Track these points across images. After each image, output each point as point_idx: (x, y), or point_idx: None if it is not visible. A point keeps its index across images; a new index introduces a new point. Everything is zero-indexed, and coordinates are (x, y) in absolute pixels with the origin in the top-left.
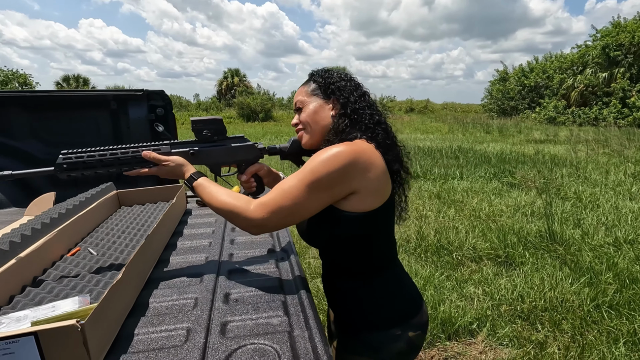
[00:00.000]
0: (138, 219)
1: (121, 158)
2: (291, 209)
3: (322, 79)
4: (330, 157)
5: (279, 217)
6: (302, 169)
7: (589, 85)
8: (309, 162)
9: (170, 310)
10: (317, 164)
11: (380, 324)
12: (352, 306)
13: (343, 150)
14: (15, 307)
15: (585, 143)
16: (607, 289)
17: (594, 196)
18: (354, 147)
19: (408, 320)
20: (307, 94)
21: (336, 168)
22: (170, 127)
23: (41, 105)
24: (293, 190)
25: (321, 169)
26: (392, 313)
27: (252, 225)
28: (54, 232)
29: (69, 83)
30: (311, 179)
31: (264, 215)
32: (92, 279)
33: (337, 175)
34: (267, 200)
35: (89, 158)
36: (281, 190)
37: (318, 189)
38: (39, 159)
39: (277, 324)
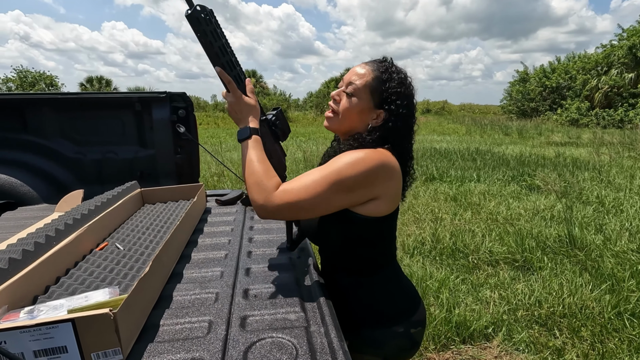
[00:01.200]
0: (161, 216)
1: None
2: (309, 205)
3: (386, 82)
4: (358, 160)
5: (294, 210)
6: (326, 166)
7: (614, 86)
8: (334, 161)
9: (193, 303)
10: (344, 165)
11: (382, 321)
12: (353, 303)
13: (371, 156)
14: (51, 296)
15: (610, 146)
16: (629, 296)
17: (617, 201)
18: (380, 155)
19: (409, 317)
20: (366, 86)
21: (362, 172)
22: (191, 128)
23: (71, 106)
24: (316, 187)
25: (347, 171)
26: (393, 310)
27: (266, 208)
28: (85, 228)
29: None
30: (335, 179)
31: (281, 203)
32: (120, 272)
33: (362, 179)
34: (289, 189)
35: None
36: (303, 184)
37: (340, 190)
38: (68, 157)
39: (294, 319)
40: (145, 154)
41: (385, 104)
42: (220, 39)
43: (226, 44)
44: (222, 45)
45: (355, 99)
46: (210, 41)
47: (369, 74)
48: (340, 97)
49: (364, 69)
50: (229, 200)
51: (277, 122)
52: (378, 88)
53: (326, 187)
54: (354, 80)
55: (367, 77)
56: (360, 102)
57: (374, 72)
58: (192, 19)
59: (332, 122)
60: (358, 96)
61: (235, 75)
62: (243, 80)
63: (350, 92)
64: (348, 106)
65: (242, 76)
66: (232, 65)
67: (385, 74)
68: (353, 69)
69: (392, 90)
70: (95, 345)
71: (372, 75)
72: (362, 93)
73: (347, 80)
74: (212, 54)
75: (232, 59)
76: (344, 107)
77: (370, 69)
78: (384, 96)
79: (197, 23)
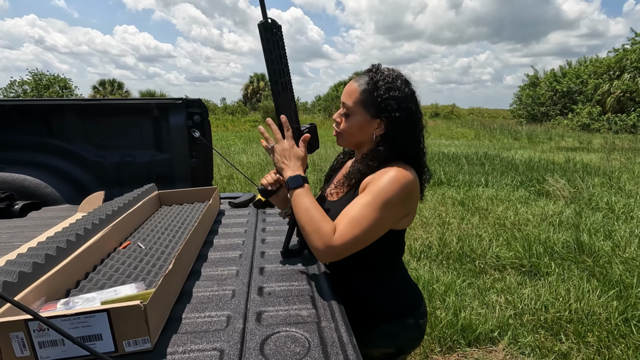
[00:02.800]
0: (178, 217)
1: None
2: (366, 236)
3: (373, 92)
4: (395, 179)
5: (354, 246)
6: (367, 194)
7: (626, 91)
8: (372, 186)
9: (211, 299)
10: (385, 187)
11: (395, 315)
12: (369, 302)
13: (406, 174)
14: (82, 290)
15: (621, 151)
16: (637, 303)
17: (627, 207)
18: (409, 171)
19: (417, 310)
20: (356, 102)
21: (402, 189)
22: (206, 133)
23: (93, 112)
24: (366, 217)
25: (390, 191)
26: (404, 305)
27: (330, 253)
28: (109, 227)
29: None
30: (382, 202)
31: (341, 244)
32: (143, 269)
33: (403, 196)
34: (345, 230)
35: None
36: (355, 220)
37: (389, 210)
38: (89, 160)
39: (306, 315)
40: (162, 158)
41: (380, 112)
42: (279, 50)
43: (283, 55)
44: (279, 55)
45: (352, 117)
46: (271, 48)
47: (356, 90)
48: (340, 119)
49: (351, 86)
50: (241, 203)
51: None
52: (368, 100)
53: (376, 214)
54: (345, 100)
55: (355, 94)
56: (356, 118)
57: (360, 86)
58: (262, 27)
59: (340, 140)
60: (353, 114)
61: (283, 83)
62: (290, 88)
63: (345, 113)
64: (347, 125)
65: (289, 85)
66: (282, 73)
67: (371, 84)
68: (345, 87)
69: (381, 98)
70: (126, 333)
71: (360, 90)
72: (355, 110)
73: (341, 101)
74: (269, 60)
75: (284, 68)
76: (344, 127)
77: (357, 84)
78: (377, 106)
79: (265, 31)
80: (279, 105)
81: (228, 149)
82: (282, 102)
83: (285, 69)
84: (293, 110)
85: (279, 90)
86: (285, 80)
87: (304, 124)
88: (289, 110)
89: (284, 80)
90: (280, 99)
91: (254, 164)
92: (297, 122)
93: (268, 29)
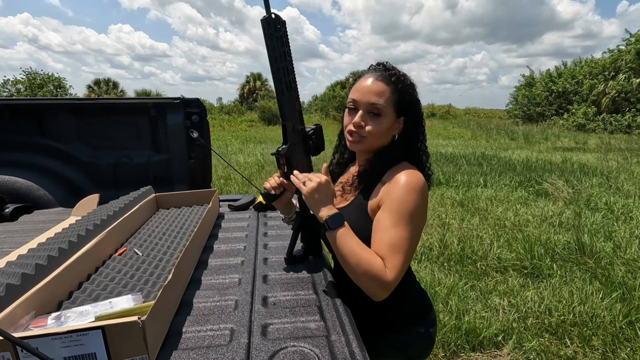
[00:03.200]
0: (176, 221)
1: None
2: (410, 254)
3: (402, 92)
4: (412, 185)
5: (403, 269)
6: (390, 213)
7: (621, 92)
8: (392, 202)
9: (213, 310)
10: (405, 196)
11: (406, 323)
12: (378, 310)
13: (417, 176)
14: (75, 302)
15: (618, 151)
16: None
17: (626, 208)
18: (420, 174)
19: (426, 317)
20: (388, 102)
21: (420, 194)
22: (204, 134)
23: (88, 111)
24: (403, 237)
25: (411, 199)
26: (414, 312)
27: (388, 288)
28: (104, 233)
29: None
30: (409, 213)
31: (394, 277)
32: (140, 278)
33: (423, 201)
34: (393, 262)
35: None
36: (394, 247)
37: (417, 218)
38: (84, 161)
39: (314, 328)
40: (159, 159)
41: (404, 112)
42: (283, 46)
43: (288, 52)
44: (283, 52)
45: (383, 117)
46: (274, 45)
47: (386, 89)
48: (365, 121)
49: (378, 86)
50: (241, 206)
51: (313, 137)
52: (398, 100)
53: (409, 230)
54: (375, 100)
55: (387, 93)
56: (387, 119)
57: (388, 85)
58: (265, 23)
59: (362, 144)
60: (384, 114)
61: (288, 81)
62: (295, 87)
63: (378, 113)
64: (379, 127)
65: (293, 84)
66: (287, 71)
67: (399, 84)
68: (364, 86)
69: (409, 98)
70: (123, 351)
71: (390, 89)
72: (387, 110)
73: (365, 101)
74: (272, 57)
75: (288, 66)
76: (374, 129)
77: (384, 83)
78: (403, 105)
79: (268, 27)
80: (283, 105)
81: (225, 149)
82: (286, 101)
83: (290, 66)
84: (298, 110)
85: (282, 90)
86: (290, 79)
87: (308, 125)
88: (294, 110)
89: (288, 78)
90: (284, 99)
91: (251, 164)
92: (302, 123)
93: (271, 24)
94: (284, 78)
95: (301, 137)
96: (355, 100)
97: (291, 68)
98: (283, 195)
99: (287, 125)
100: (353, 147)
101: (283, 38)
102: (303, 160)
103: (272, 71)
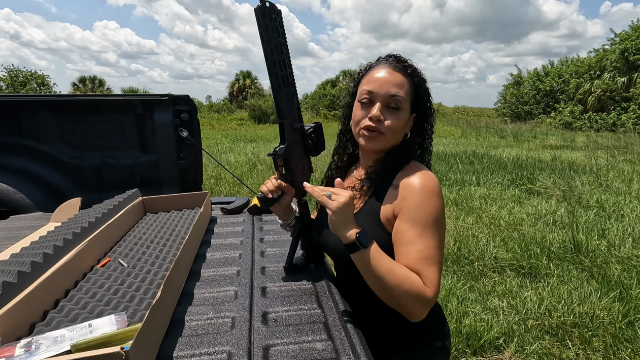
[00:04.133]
0: (165, 227)
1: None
2: (441, 264)
3: (418, 85)
4: (428, 188)
5: (440, 276)
6: (413, 222)
7: (606, 90)
8: (412, 210)
9: (207, 330)
10: (425, 202)
11: (422, 338)
12: (393, 327)
13: (430, 177)
14: (50, 323)
15: (606, 149)
16: (639, 305)
17: (617, 205)
18: (432, 173)
19: (442, 329)
20: (407, 95)
21: (438, 196)
22: (195, 132)
23: (69, 109)
24: (432, 246)
25: (431, 204)
26: (430, 327)
27: (429, 305)
28: (85, 242)
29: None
30: (433, 219)
31: (434, 293)
32: (125, 294)
33: (442, 202)
34: (430, 276)
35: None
36: (427, 259)
37: (440, 222)
38: (65, 162)
39: (321, 349)
40: (147, 160)
41: (417, 107)
42: (279, 37)
43: (284, 44)
44: (279, 44)
45: (402, 112)
46: (270, 36)
47: (404, 80)
48: (384, 115)
49: (397, 77)
50: (235, 209)
51: (312, 136)
52: (414, 93)
53: (436, 238)
54: (395, 92)
55: (406, 85)
56: (404, 114)
57: (406, 77)
58: (260, 12)
59: (380, 142)
60: (403, 108)
61: (285, 76)
62: (292, 82)
63: (397, 106)
64: (398, 122)
65: (290, 79)
66: (283, 65)
67: (415, 77)
68: (381, 77)
69: (423, 92)
70: None
71: (408, 82)
72: (405, 104)
73: (384, 93)
74: (268, 49)
75: (285, 59)
76: (394, 124)
77: (401, 74)
78: (418, 100)
79: (262, 16)
80: (279, 101)
81: (216, 148)
82: (283, 98)
83: (287, 60)
84: (296, 107)
85: (279, 85)
86: (287, 73)
87: (307, 124)
88: (292, 107)
89: (285, 73)
90: (281, 95)
91: (242, 163)
92: (300, 121)
93: (266, 14)
94: (281, 72)
95: (300, 136)
96: (372, 92)
97: (288, 61)
98: (281, 199)
99: (285, 124)
100: (369, 145)
101: (279, 29)
102: (302, 161)
103: (267, 65)
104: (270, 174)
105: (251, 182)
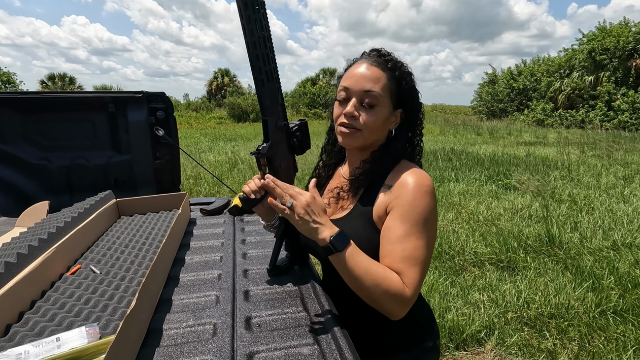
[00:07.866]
0: (141, 230)
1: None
2: (426, 266)
3: (400, 79)
4: (421, 186)
5: (422, 280)
6: (402, 220)
7: (575, 89)
8: (403, 208)
9: (188, 338)
10: (416, 200)
11: (415, 339)
12: (385, 329)
13: (423, 175)
14: (13, 339)
15: (576, 145)
16: (610, 294)
17: (588, 199)
18: (425, 172)
19: (432, 329)
20: (385, 90)
21: (431, 195)
22: (171, 131)
23: (35, 107)
24: (418, 246)
25: (422, 203)
26: (422, 327)
27: (407, 305)
28: (53, 249)
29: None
30: (422, 219)
31: (413, 292)
32: (97, 303)
33: (434, 202)
34: (411, 277)
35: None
36: (410, 259)
37: (430, 222)
38: (32, 164)
39: (308, 354)
40: (120, 160)
41: (402, 102)
42: (263, 30)
43: (268, 38)
44: (263, 37)
45: (378, 107)
46: (252, 29)
47: (382, 75)
48: (359, 111)
49: (373, 71)
50: (215, 210)
51: (297, 134)
52: (396, 88)
53: (424, 238)
54: (371, 87)
55: (383, 80)
56: (383, 110)
57: (385, 71)
58: (242, 3)
59: (357, 139)
60: (380, 104)
61: (268, 71)
62: (276, 78)
63: (372, 103)
64: (374, 119)
65: (275, 74)
66: (267, 59)
67: (396, 71)
68: (357, 73)
69: (407, 87)
70: None
71: (387, 76)
72: (383, 100)
73: (358, 89)
74: (251, 42)
75: (269, 53)
76: (370, 121)
77: (379, 69)
78: (401, 95)
79: (245, 7)
80: (263, 98)
81: (194, 147)
82: (266, 94)
83: (271, 54)
84: (280, 104)
85: (263, 80)
86: (271, 68)
87: (292, 121)
88: (276, 103)
89: (269, 67)
90: (264, 91)
91: (221, 162)
92: (285, 118)
93: (249, 5)
94: (264, 67)
95: (284, 134)
96: (347, 88)
97: (272, 56)
98: (264, 199)
99: (269, 121)
100: (345, 141)
101: (262, 21)
102: (287, 160)
103: (250, 59)
104: (251, 173)
105: (231, 182)
